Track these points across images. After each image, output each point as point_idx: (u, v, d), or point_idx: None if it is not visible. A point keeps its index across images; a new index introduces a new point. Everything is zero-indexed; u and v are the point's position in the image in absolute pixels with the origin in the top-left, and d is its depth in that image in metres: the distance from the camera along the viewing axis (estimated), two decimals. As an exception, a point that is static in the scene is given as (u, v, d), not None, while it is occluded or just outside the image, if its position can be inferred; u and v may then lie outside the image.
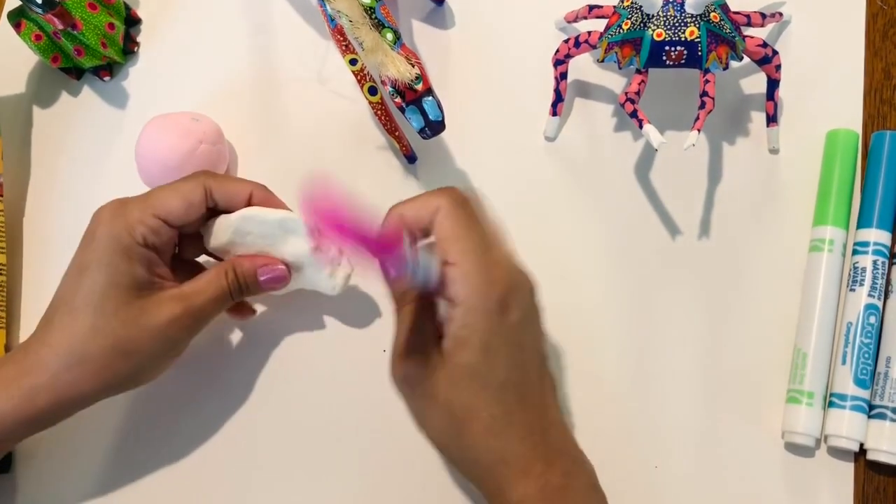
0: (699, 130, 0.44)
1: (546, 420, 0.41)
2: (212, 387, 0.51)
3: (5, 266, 0.54)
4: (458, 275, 0.39)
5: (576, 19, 0.53)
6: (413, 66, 0.44)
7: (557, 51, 0.51)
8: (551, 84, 0.52)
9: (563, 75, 0.52)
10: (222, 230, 0.47)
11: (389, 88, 0.45)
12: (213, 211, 0.47)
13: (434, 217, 0.40)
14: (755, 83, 0.53)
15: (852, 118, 0.52)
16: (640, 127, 0.45)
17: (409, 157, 0.54)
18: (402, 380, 0.41)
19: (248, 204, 0.46)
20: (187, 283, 0.45)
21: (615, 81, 0.55)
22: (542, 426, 0.40)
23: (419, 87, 0.45)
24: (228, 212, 0.46)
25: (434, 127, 0.46)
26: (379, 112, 0.51)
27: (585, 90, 0.55)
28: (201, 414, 0.51)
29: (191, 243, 0.48)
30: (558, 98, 0.53)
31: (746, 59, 0.51)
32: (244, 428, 0.50)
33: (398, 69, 0.44)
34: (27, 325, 0.54)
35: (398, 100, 0.45)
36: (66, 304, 0.43)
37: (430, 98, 0.45)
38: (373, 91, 0.51)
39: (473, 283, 0.39)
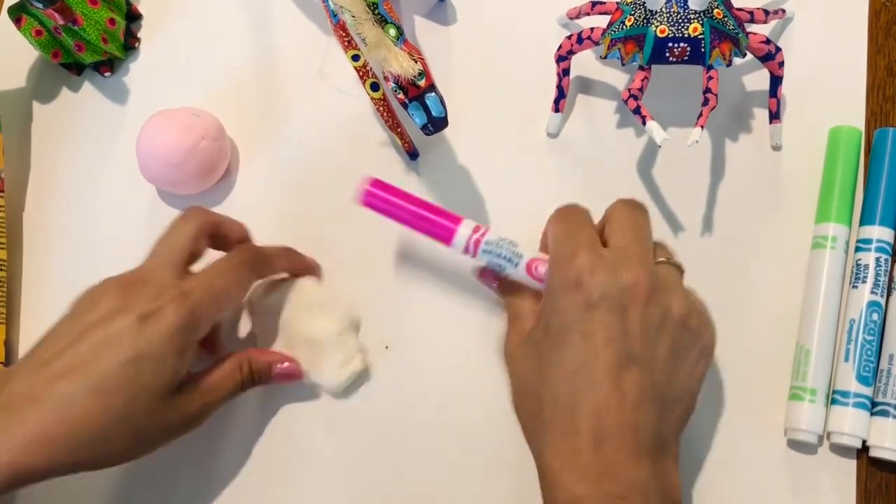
0: (702, 127, 0.44)
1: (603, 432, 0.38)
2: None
3: (6, 262, 0.54)
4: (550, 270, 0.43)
5: (578, 15, 0.53)
6: (416, 62, 0.44)
7: (560, 47, 0.51)
8: (553, 80, 0.52)
9: (566, 71, 0.52)
10: (264, 287, 0.50)
11: (392, 84, 0.45)
12: None
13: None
14: (758, 80, 0.53)
15: (855, 115, 0.52)
16: (644, 123, 0.45)
17: (411, 154, 0.54)
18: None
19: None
20: (206, 375, 0.45)
21: (618, 78, 0.55)
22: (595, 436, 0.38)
23: (422, 83, 0.44)
24: None
25: (437, 123, 0.46)
26: (381, 108, 0.51)
27: (588, 86, 0.55)
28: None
29: None
30: (560, 94, 0.52)
31: (749, 56, 0.50)
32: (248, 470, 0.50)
33: (401, 65, 0.43)
34: (27, 321, 0.54)
35: (401, 96, 0.45)
36: (101, 382, 0.40)
37: (433, 94, 0.45)
38: (375, 87, 0.50)
39: (548, 297, 0.42)
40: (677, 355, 0.40)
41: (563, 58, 0.51)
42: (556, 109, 0.53)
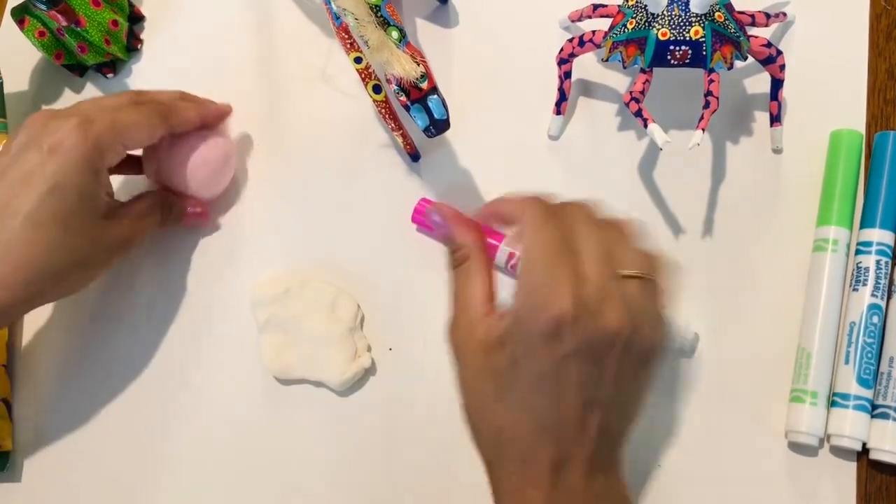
0: (704, 130, 0.45)
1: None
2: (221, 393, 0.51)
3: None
4: (521, 279, 0.39)
5: (580, 18, 0.53)
6: (418, 65, 0.44)
7: (561, 50, 0.51)
8: (555, 83, 0.52)
9: (567, 74, 0.52)
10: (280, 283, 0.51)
11: (394, 87, 0.45)
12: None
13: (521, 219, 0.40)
14: (759, 83, 0.53)
15: (856, 118, 0.52)
16: (645, 126, 0.45)
17: (413, 156, 0.54)
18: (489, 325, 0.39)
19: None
20: (129, 205, 0.49)
21: (619, 81, 0.55)
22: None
23: (424, 85, 0.45)
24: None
25: (439, 125, 0.46)
26: (383, 110, 0.51)
27: (589, 89, 0.55)
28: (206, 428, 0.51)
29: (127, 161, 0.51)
30: (562, 97, 0.53)
31: (750, 59, 0.51)
32: (250, 449, 0.51)
33: (403, 67, 0.44)
34: (27, 320, 0.54)
35: (403, 98, 0.45)
36: (30, 216, 0.43)
37: (436, 96, 0.45)
38: (377, 89, 0.51)
39: (520, 296, 0.38)
40: (641, 386, 0.40)
41: (564, 60, 0.51)
42: (558, 112, 0.53)
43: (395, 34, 0.45)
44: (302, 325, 0.50)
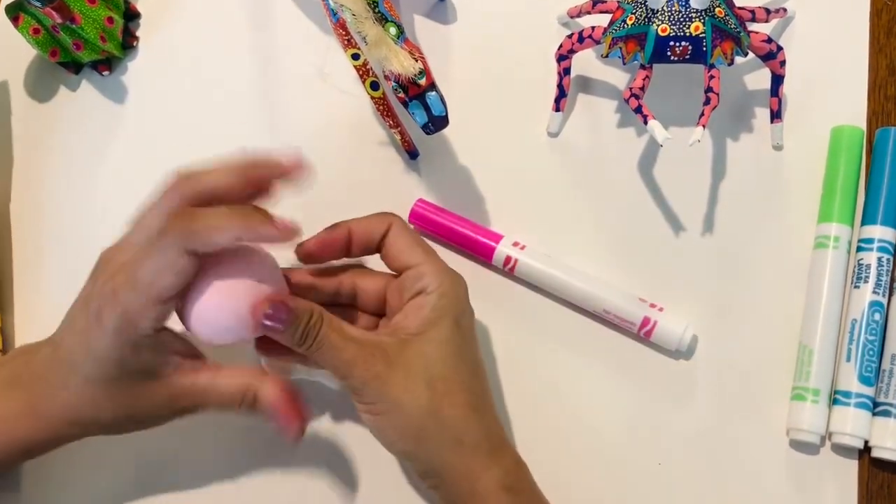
0: (704, 126, 0.44)
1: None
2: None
3: None
4: (428, 270, 0.43)
5: (579, 14, 0.52)
6: (416, 61, 0.44)
7: (560, 46, 0.51)
8: (554, 79, 0.52)
9: (567, 71, 0.52)
10: None
11: (392, 83, 0.44)
12: None
13: (388, 230, 0.45)
14: (759, 79, 0.53)
15: (857, 114, 0.51)
16: (645, 123, 0.45)
17: (411, 153, 0.54)
18: (370, 368, 0.40)
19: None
20: (204, 373, 0.42)
21: (618, 77, 0.54)
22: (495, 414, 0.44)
23: (422, 81, 0.44)
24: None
25: (437, 122, 0.46)
26: (381, 107, 0.51)
27: (588, 86, 0.54)
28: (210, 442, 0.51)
29: None
30: (561, 93, 0.52)
31: (751, 55, 0.50)
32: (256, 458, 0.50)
33: (402, 64, 0.43)
34: (21, 308, 0.54)
35: (401, 95, 0.45)
36: (79, 372, 0.41)
37: (434, 93, 0.45)
38: (375, 86, 0.50)
39: (445, 275, 0.44)
40: None
41: (563, 57, 0.51)
42: (557, 109, 0.53)
43: (392, 30, 0.44)
44: None
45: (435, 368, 0.41)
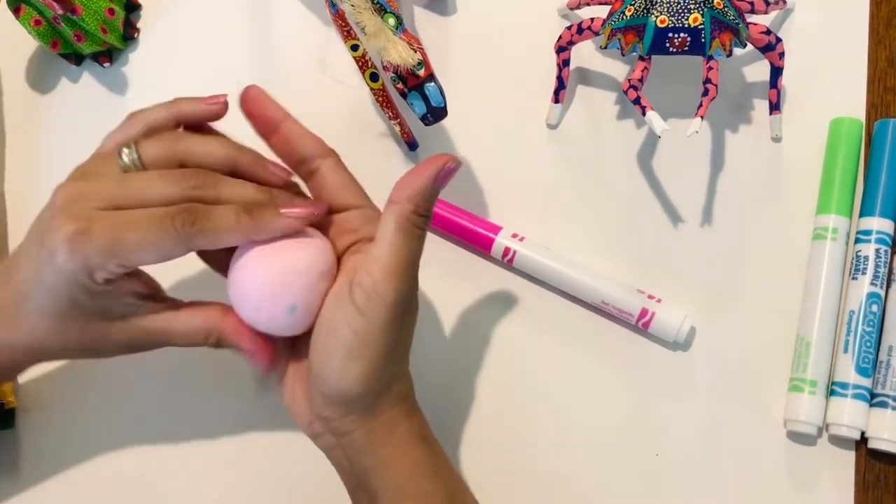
0: (702, 117, 0.44)
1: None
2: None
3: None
4: (374, 215, 0.42)
5: (578, 6, 0.53)
6: (415, 52, 0.44)
7: (560, 37, 0.51)
8: (553, 71, 0.52)
9: (566, 62, 0.52)
10: None
11: (391, 74, 0.44)
12: None
13: (323, 160, 0.43)
14: (758, 71, 0.53)
15: (856, 107, 0.51)
16: (644, 114, 0.45)
17: (411, 144, 0.54)
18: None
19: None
20: (163, 315, 0.41)
21: (618, 69, 0.54)
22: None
23: (421, 72, 0.44)
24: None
25: (436, 113, 0.46)
26: (380, 98, 0.51)
27: (588, 78, 0.54)
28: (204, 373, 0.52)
29: None
30: (560, 85, 0.52)
31: (749, 47, 0.50)
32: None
33: (400, 54, 0.43)
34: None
35: (400, 85, 0.45)
36: (32, 301, 0.39)
37: (433, 84, 0.45)
38: (374, 77, 0.50)
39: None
40: None
41: (562, 48, 0.51)
42: (556, 100, 0.53)
43: (391, 21, 0.44)
44: None
45: (409, 321, 0.41)
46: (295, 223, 0.40)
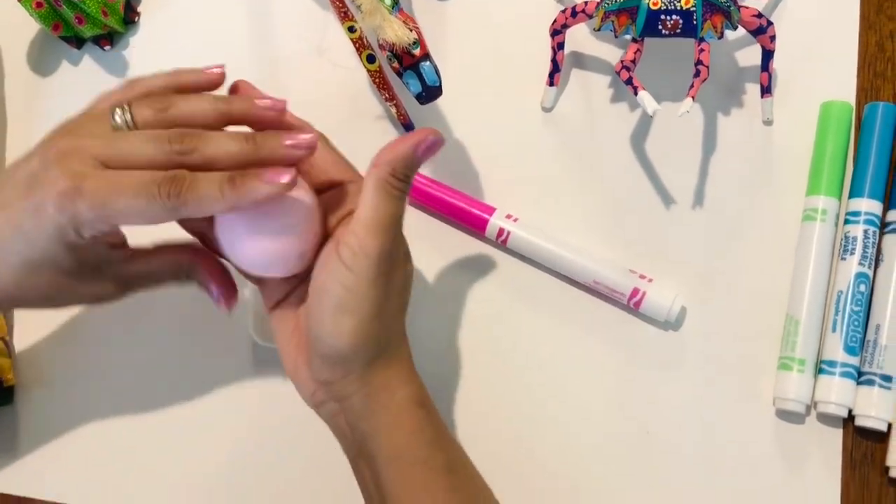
0: (693, 98, 0.45)
1: None
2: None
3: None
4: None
5: (573, -9, 0.53)
6: (411, 31, 0.45)
7: (555, 21, 0.51)
8: (548, 55, 0.53)
9: (561, 45, 0.52)
10: None
11: (387, 53, 0.45)
12: None
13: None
14: (750, 55, 0.53)
15: (846, 90, 0.52)
16: (636, 94, 0.45)
17: (406, 126, 0.54)
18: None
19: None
20: (136, 261, 0.44)
21: (612, 53, 0.55)
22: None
23: (417, 51, 0.45)
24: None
25: (431, 92, 0.47)
26: (377, 80, 0.52)
27: (582, 62, 0.55)
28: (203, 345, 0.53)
29: None
30: (555, 68, 0.53)
31: (742, 31, 0.51)
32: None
33: (396, 33, 0.44)
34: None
35: (396, 64, 0.45)
36: (9, 247, 0.40)
37: (428, 63, 0.46)
38: (371, 59, 0.51)
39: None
40: None
41: (557, 31, 0.52)
42: (551, 83, 0.54)
43: (387, 0, 0.45)
44: None
45: (405, 286, 0.43)
46: (277, 189, 0.39)
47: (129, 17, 0.60)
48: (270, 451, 0.51)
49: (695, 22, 0.47)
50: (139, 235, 0.44)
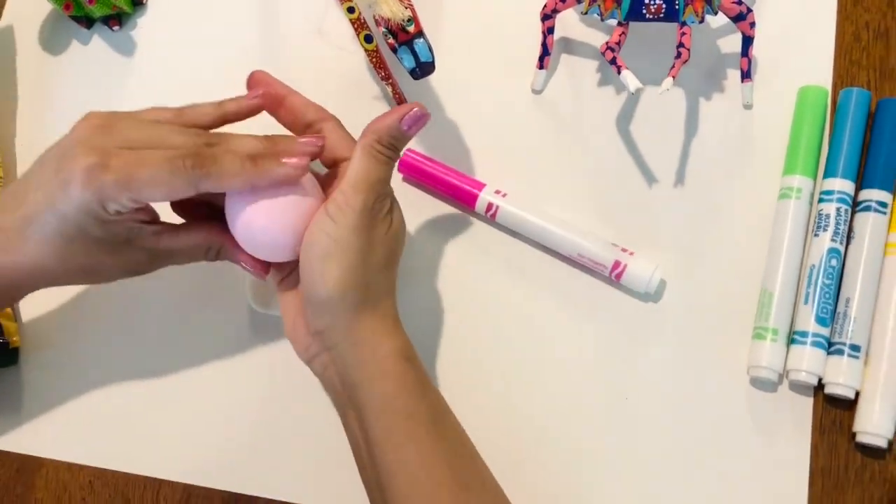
0: (674, 77, 0.47)
1: None
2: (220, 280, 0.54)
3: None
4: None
5: (564, -22, 0.56)
6: (406, 9, 0.47)
7: (545, 5, 0.54)
8: (539, 39, 0.55)
9: (550, 30, 0.55)
10: None
11: (383, 29, 0.47)
12: None
13: (324, 123, 0.48)
14: (732, 43, 0.56)
15: (823, 76, 0.54)
16: (619, 73, 0.48)
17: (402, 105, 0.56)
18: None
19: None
20: (165, 235, 0.46)
21: (599, 39, 0.57)
22: None
23: (411, 28, 0.47)
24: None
25: (424, 68, 0.49)
26: (374, 60, 0.54)
27: (571, 47, 0.57)
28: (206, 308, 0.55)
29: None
30: (545, 52, 0.55)
31: (725, 21, 0.53)
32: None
33: (391, 8, 0.46)
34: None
35: (391, 41, 0.48)
36: (38, 225, 0.43)
37: (422, 40, 0.48)
38: (368, 39, 0.53)
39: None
40: None
41: (547, 16, 0.54)
42: (541, 66, 0.56)
43: (384, -21, 0.47)
44: None
45: (394, 244, 0.46)
46: (293, 171, 0.44)
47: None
48: (267, 411, 0.53)
49: (677, 6, 0.49)
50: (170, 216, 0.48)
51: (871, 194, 0.51)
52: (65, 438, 0.54)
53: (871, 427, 0.47)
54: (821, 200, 0.51)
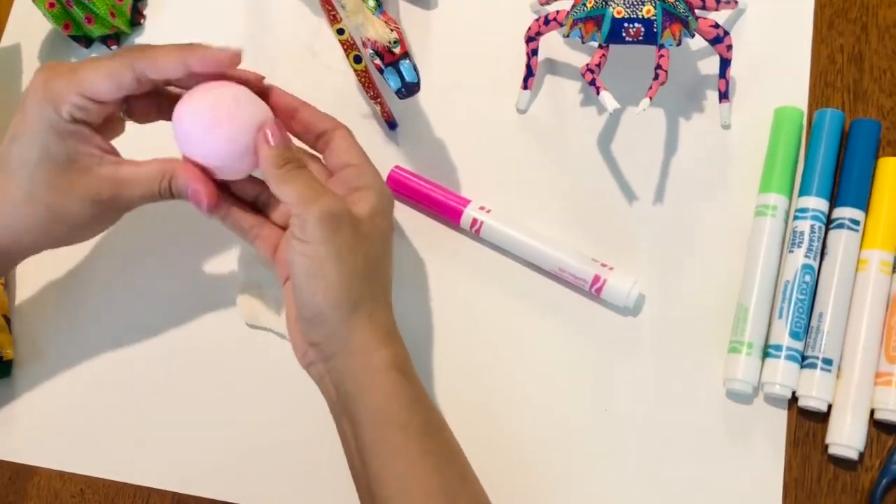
0: (651, 98, 0.49)
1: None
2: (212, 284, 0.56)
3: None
4: (369, 170, 0.49)
5: (548, 2, 0.57)
6: (392, 31, 0.49)
7: (529, 28, 0.55)
8: (523, 60, 0.57)
9: (535, 52, 0.56)
10: None
11: (370, 50, 0.49)
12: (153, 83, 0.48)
13: (335, 132, 0.50)
14: (710, 64, 0.57)
15: (798, 97, 0.56)
16: (598, 93, 0.49)
17: (390, 124, 0.58)
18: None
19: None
20: (125, 166, 0.48)
21: (582, 61, 0.59)
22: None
23: (397, 50, 0.49)
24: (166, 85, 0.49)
25: (410, 88, 0.50)
26: (363, 79, 0.56)
27: (555, 68, 0.59)
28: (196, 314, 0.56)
29: (142, 110, 0.50)
30: (529, 73, 0.57)
31: (704, 43, 0.55)
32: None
33: (377, 30, 0.48)
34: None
35: (378, 61, 0.49)
36: (5, 163, 0.46)
37: (408, 61, 0.49)
38: (357, 59, 0.55)
39: (380, 177, 0.50)
40: None
41: (531, 38, 0.56)
42: (525, 87, 0.57)
43: (371, 2, 0.49)
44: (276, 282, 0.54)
45: (372, 248, 0.46)
46: (222, 55, 0.48)
47: (136, 19, 0.64)
48: (257, 421, 0.54)
49: (655, 30, 0.51)
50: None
51: (844, 212, 0.52)
52: (57, 448, 0.55)
53: (843, 439, 0.49)
54: (796, 218, 0.53)
